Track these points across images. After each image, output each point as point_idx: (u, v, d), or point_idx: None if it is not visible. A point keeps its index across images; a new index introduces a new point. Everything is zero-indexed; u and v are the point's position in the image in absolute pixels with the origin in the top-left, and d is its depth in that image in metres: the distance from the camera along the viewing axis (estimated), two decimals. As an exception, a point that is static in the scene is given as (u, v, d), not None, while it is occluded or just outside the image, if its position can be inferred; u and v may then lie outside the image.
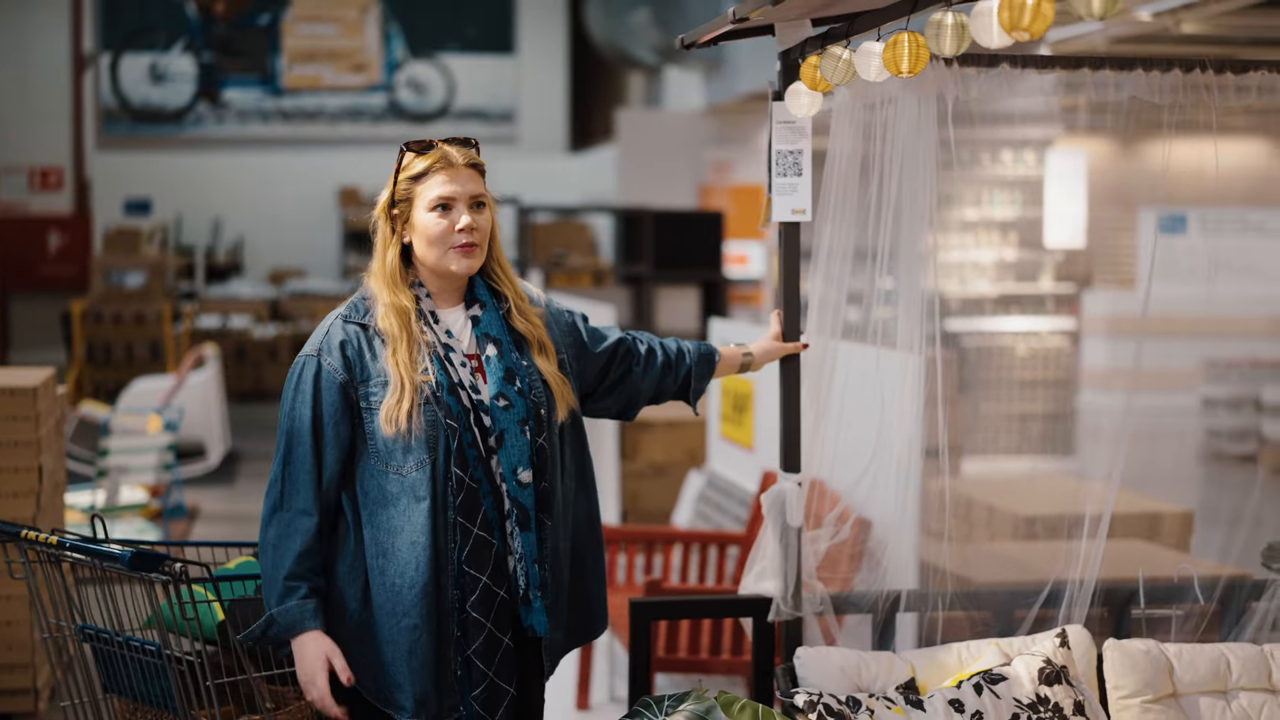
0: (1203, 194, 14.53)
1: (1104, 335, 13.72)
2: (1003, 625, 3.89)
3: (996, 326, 11.47)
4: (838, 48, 3.31)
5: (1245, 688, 3.69)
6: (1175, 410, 12.47)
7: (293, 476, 3.14)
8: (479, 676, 3.11)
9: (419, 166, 3.17)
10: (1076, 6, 2.24)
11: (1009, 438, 11.18)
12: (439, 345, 3.18)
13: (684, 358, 3.58)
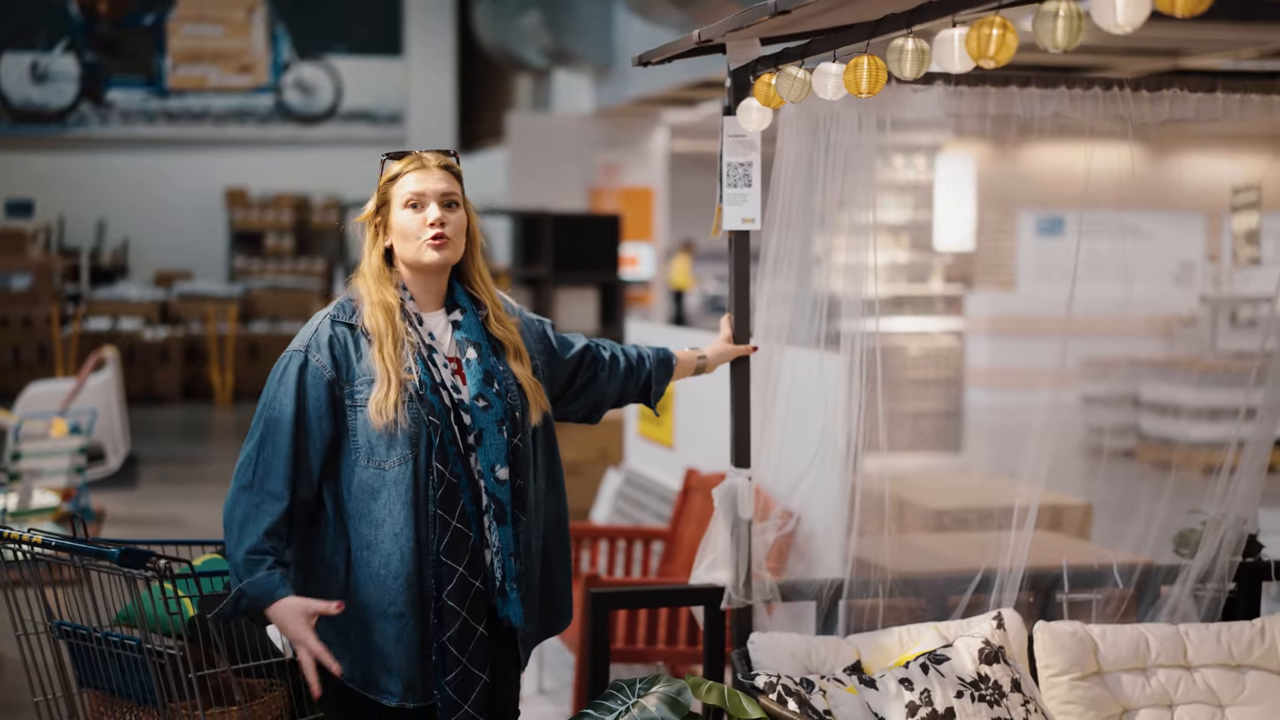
0: (1076, 197, 14.94)
1: (987, 335, 14.15)
2: (938, 611, 4.13)
3: (889, 327, 11.79)
4: (793, 67, 3.51)
5: (1163, 665, 3.95)
6: (1056, 407, 12.88)
7: (267, 461, 3.25)
8: (453, 663, 3.25)
9: (395, 169, 3.34)
10: (1041, 38, 2.46)
11: (903, 435, 11.50)
12: (423, 346, 3.32)
13: (644, 363, 3.77)
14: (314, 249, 20.58)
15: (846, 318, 4.32)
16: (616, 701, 3.40)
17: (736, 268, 3.99)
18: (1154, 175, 17.41)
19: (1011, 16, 2.80)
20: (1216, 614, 4.20)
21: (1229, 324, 14.51)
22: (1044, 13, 2.46)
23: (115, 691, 3.76)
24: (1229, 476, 4.25)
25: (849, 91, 3.23)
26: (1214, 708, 3.93)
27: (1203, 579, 4.20)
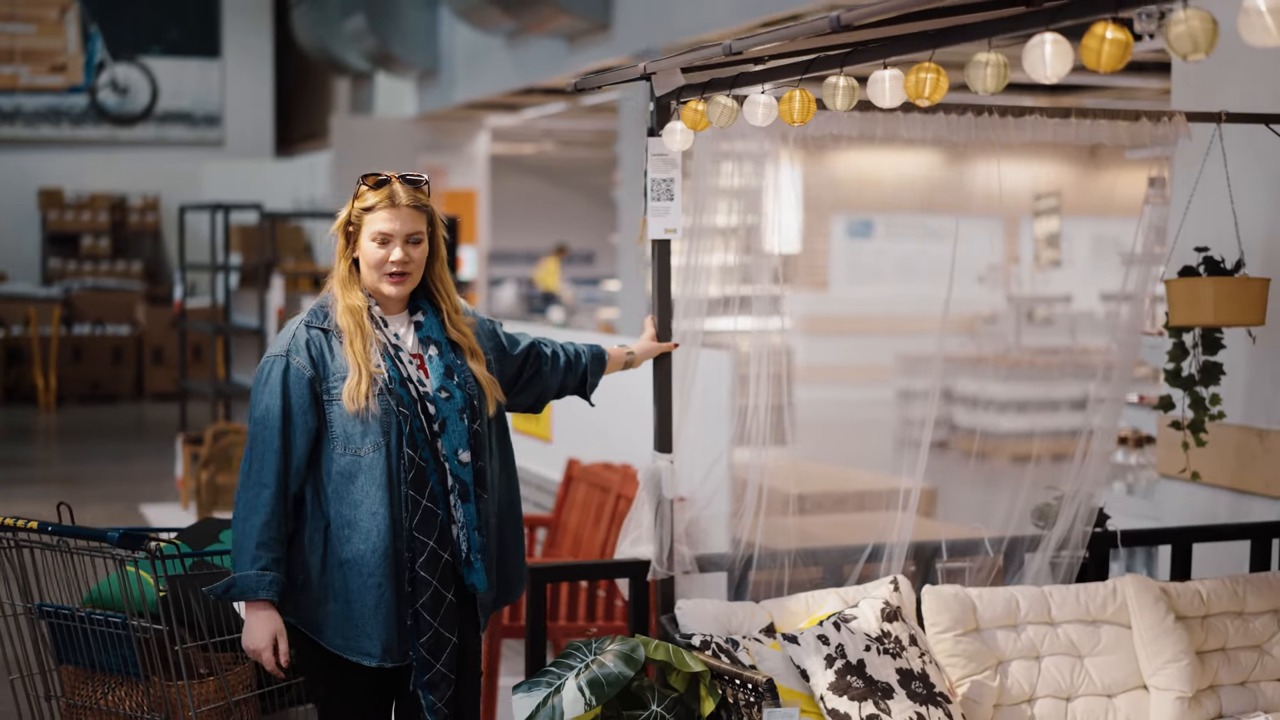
0: (882, 201, 16.00)
1: (806, 334, 14.80)
2: (834, 579, 4.63)
3: (721, 326, 12.29)
4: (722, 96, 3.96)
5: (1031, 622, 4.50)
6: (874, 402, 13.62)
7: (259, 456, 3.63)
8: (425, 626, 3.64)
9: (369, 200, 3.67)
10: (973, 84, 2.94)
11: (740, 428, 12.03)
12: (389, 345, 3.71)
13: (580, 358, 4.20)
14: (132, 250, 20.45)
15: (684, 317, 4.76)
16: (576, 660, 3.81)
17: (659, 273, 4.42)
18: (955, 181, 18.31)
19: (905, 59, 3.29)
20: (1072, 577, 4.77)
21: (1027, 322, 15.41)
22: (976, 62, 2.95)
23: (95, 667, 4.06)
24: (1081, 459, 4.81)
25: (783, 120, 3.69)
26: (1074, 658, 4.48)
27: (1060, 547, 4.76)
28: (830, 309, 15.59)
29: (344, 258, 3.74)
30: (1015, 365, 13.11)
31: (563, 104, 17.41)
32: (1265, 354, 5.14)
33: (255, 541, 3.59)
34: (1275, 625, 4.65)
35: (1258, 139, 4.90)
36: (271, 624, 3.63)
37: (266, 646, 3.60)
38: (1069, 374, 13.05)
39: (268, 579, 3.60)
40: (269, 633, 3.62)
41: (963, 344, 15.36)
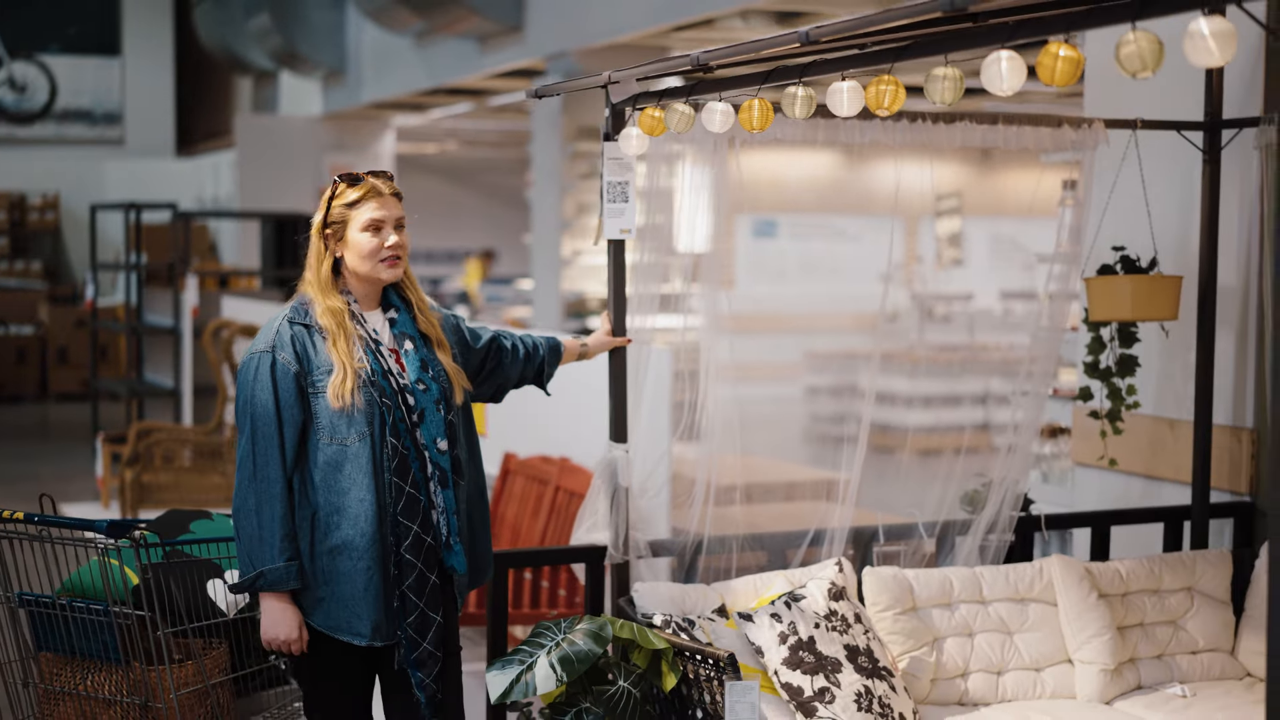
0: (785, 201, 16.33)
1: (719, 332, 15.03)
2: (778, 562, 4.86)
3: (635, 324, 12.51)
4: (680, 104, 4.18)
5: (964, 600, 4.76)
6: (783, 399, 13.91)
7: (264, 451, 3.79)
8: (411, 607, 3.82)
9: (353, 195, 3.86)
10: (932, 95, 3.18)
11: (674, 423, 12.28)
12: (370, 340, 3.88)
13: (538, 350, 4.40)
14: (31, 250, 20.26)
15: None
16: (546, 638, 4.01)
17: (615, 272, 4.62)
18: (855, 182, 18.69)
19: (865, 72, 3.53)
20: (1000, 559, 5.04)
21: (929, 319, 15.80)
22: (935, 76, 3.18)
23: (75, 653, 4.19)
24: (1007, 449, 5.08)
25: (743, 127, 3.91)
26: (1004, 635, 4.75)
27: (989, 531, 5.04)
28: (738, 308, 15.85)
29: (324, 260, 3.89)
30: (918, 362, 13.46)
31: (470, 104, 17.53)
32: (1176, 348, 5.45)
33: (281, 534, 3.75)
34: (1189, 602, 4.95)
35: (1170, 144, 5.21)
36: (296, 613, 3.81)
37: (293, 635, 3.78)
38: (970, 370, 13.43)
39: (294, 569, 3.78)
40: (295, 622, 3.80)
41: (862, 341, 15.71)
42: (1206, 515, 5.24)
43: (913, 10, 2.88)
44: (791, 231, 18.43)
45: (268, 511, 3.76)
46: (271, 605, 3.79)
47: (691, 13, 10.83)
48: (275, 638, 3.79)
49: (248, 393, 3.83)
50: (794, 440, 13.06)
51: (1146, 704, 4.66)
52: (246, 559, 3.79)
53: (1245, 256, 5.30)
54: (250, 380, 3.83)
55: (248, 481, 3.79)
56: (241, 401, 3.85)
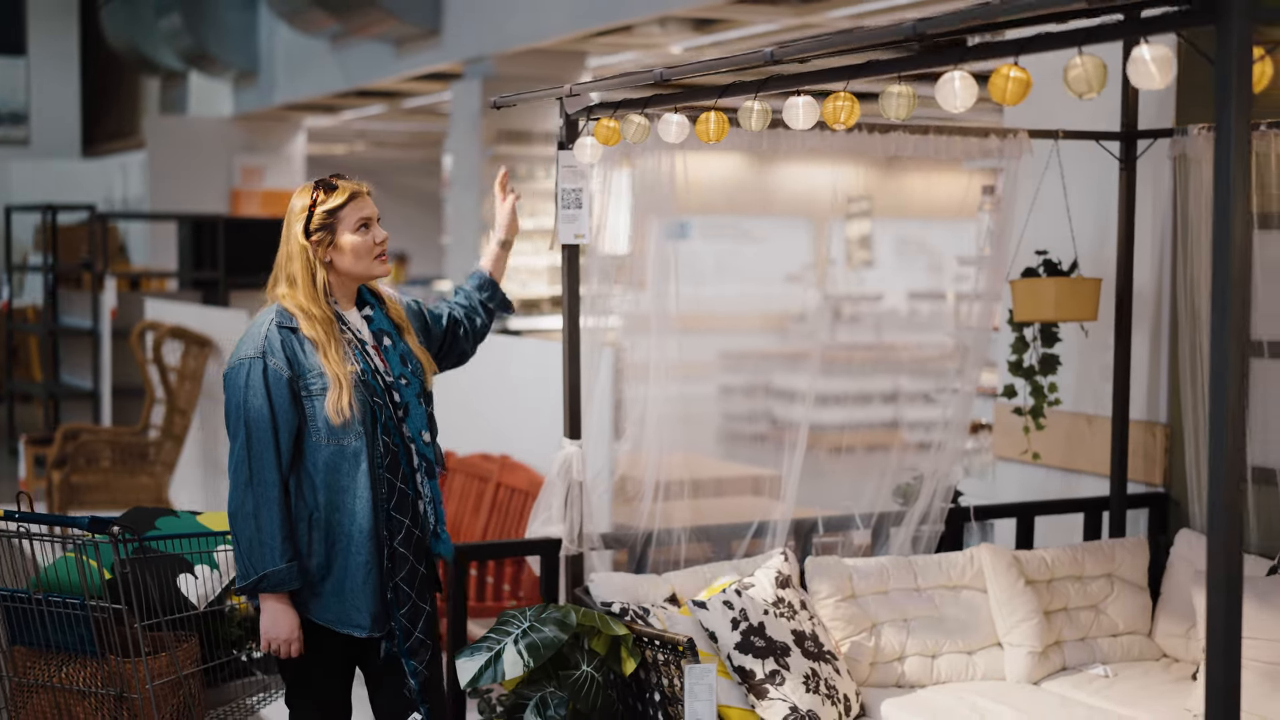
0: (696, 203, 16.60)
1: (636, 332, 15.24)
2: (723, 553, 5.08)
3: (554, 325, 12.72)
4: (635, 114, 4.37)
5: (900, 588, 5.00)
6: (699, 398, 14.14)
7: (259, 455, 3.83)
8: (404, 598, 3.95)
9: (336, 201, 3.95)
10: (886, 111, 3.40)
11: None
12: (357, 341, 3.98)
13: (471, 302, 4.47)
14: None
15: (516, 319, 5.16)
16: (512, 626, 4.19)
17: (569, 275, 4.81)
18: (764, 184, 18.98)
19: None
20: (932, 548, 5.29)
21: (838, 319, 16.11)
22: (889, 93, 3.41)
23: (50, 646, 4.30)
24: (937, 446, 5.33)
25: (699, 138, 4.12)
26: (938, 620, 4.99)
27: (921, 522, 5.28)
28: (653, 308, 16.03)
29: (314, 269, 3.92)
30: (831, 361, 13.73)
31: (383, 106, 17.61)
32: (1094, 347, 5.73)
33: (281, 536, 3.81)
34: (1109, 587, 5.23)
35: (1089, 154, 5.48)
36: (295, 615, 3.88)
37: (292, 635, 3.86)
38: (880, 369, 13.74)
39: (294, 570, 3.85)
40: (294, 623, 3.87)
41: (771, 341, 16.00)
42: (1124, 505, 5.52)
43: (880, 35, 3.10)
44: (702, 233, 18.69)
45: (266, 515, 3.82)
46: (272, 606, 3.86)
47: (611, 19, 11.02)
48: (275, 637, 3.86)
49: (239, 398, 3.87)
50: (709, 438, 13.29)
51: (1072, 684, 4.92)
52: (246, 562, 3.84)
53: (1159, 260, 5.58)
54: (242, 386, 3.87)
55: (244, 486, 3.84)
56: (232, 407, 3.89)
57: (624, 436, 5.33)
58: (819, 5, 10.91)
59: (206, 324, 9.40)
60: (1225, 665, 2.72)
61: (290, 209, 3.98)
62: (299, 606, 3.91)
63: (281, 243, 3.99)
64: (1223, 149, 2.65)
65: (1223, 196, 2.67)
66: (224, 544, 4.54)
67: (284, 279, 3.97)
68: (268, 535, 3.82)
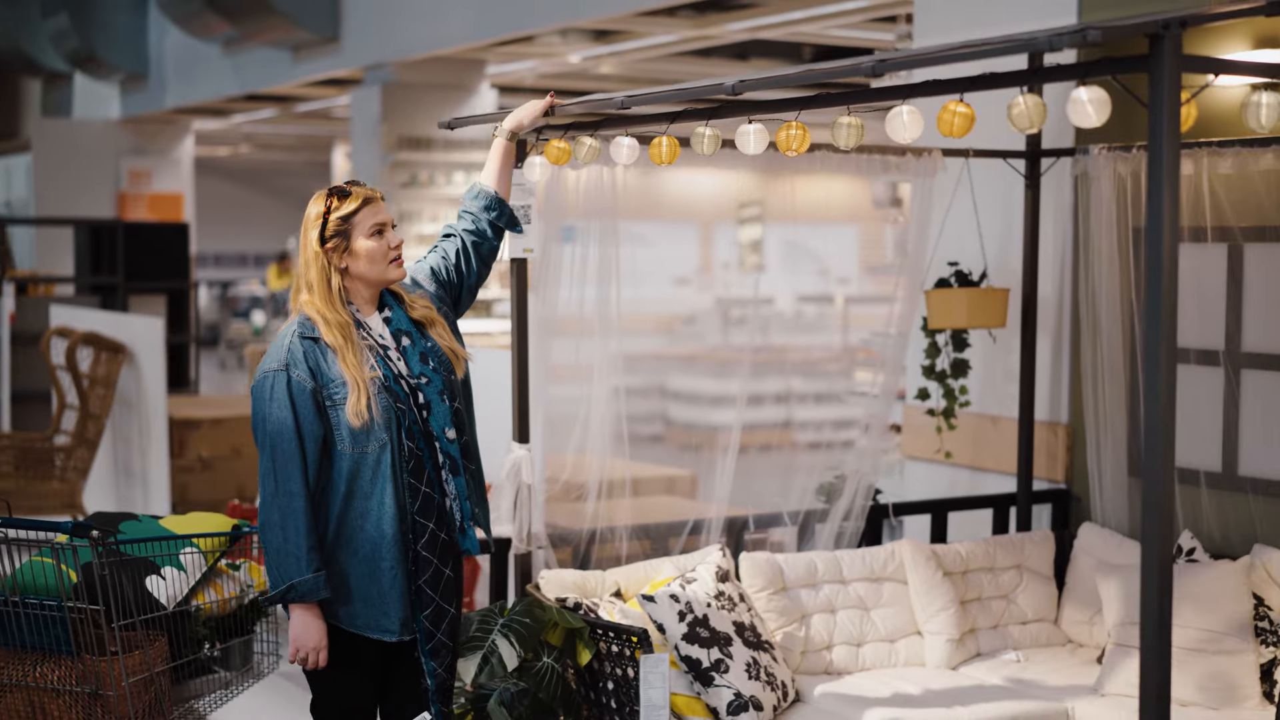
0: (580, 208, 16.46)
1: (536, 334, 15.47)
2: (661, 550, 5.35)
3: (478, 328, 12.88)
4: (586, 137, 4.63)
5: (827, 581, 5.31)
6: (596, 399, 14.38)
7: (284, 467, 3.86)
8: (428, 600, 3.98)
9: (350, 207, 3.99)
10: (837, 140, 3.69)
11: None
12: (377, 346, 4.01)
13: (484, 219, 4.38)
14: None
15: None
16: (491, 623, 4.43)
17: (517, 288, 5.06)
18: (653, 189, 19.30)
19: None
20: (855, 543, 5.61)
21: (724, 322, 16.48)
22: (840, 124, 3.70)
23: (25, 646, 4.44)
24: (859, 446, 5.65)
25: (652, 161, 4.38)
26: (862, 611, 5.31)
27: (844, 519, 5.60)
28: (545, 311, 16.26)
29: (331, 273, 3.98)
30: (725, 363, 14.08)
31: (275, 110, 17.65)
32: (999, 352, 6.09)
33: (307, 546, 3.84)
34: (1018, 578, 5.58)
35: (997, 171, 5.84)
36: (323, 624, 3.91)
37: (321, 644, 3.90)
38: (771, 370, 14.09)
39: (322, 579, 3.87)
40: (323, 632, 3.91)
41: (660, 343, 16.32)
42: (1029, 501, 5.88)
43: (841, 71, 3.38)
44: (587, 237, 18.97)
45: (292, 525, 3.85)
46: (300, 616, 3.89)
47: (514, 29, 11.24)
48: (304, 645, 3.90)
49: (264, 411, 3.90)
50: (606, 439, 13.53)
51: (987, 669, 5.26)
52: (275, 572, 3.88)
53: (1061, 270, 5.95)
54: (266, 399, 3.90)
55: (270, 498, 3.87)
56: (258, 419, 3.93)
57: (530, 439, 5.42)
58: (716, 18, 11.23)
59: (118, 330, 9.47)
60: (1158, 643, 3.04)
61: (305, 217, 4.02)
62: (328, 615, 3.95)
63: (299, 251, 4.04)
64: (1155, 180, 2.97)
65: (1155, 221, 2.99)
66: (189, 547, 4.71)
67: (304, 286, 4.02)
68: (294, 545, 3.85)
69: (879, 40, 12.06)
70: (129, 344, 9.30)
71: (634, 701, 4.46)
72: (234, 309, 22.97)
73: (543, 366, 5.30)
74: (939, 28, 6.50)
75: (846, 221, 16.88)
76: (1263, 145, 4.98)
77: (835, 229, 6.70)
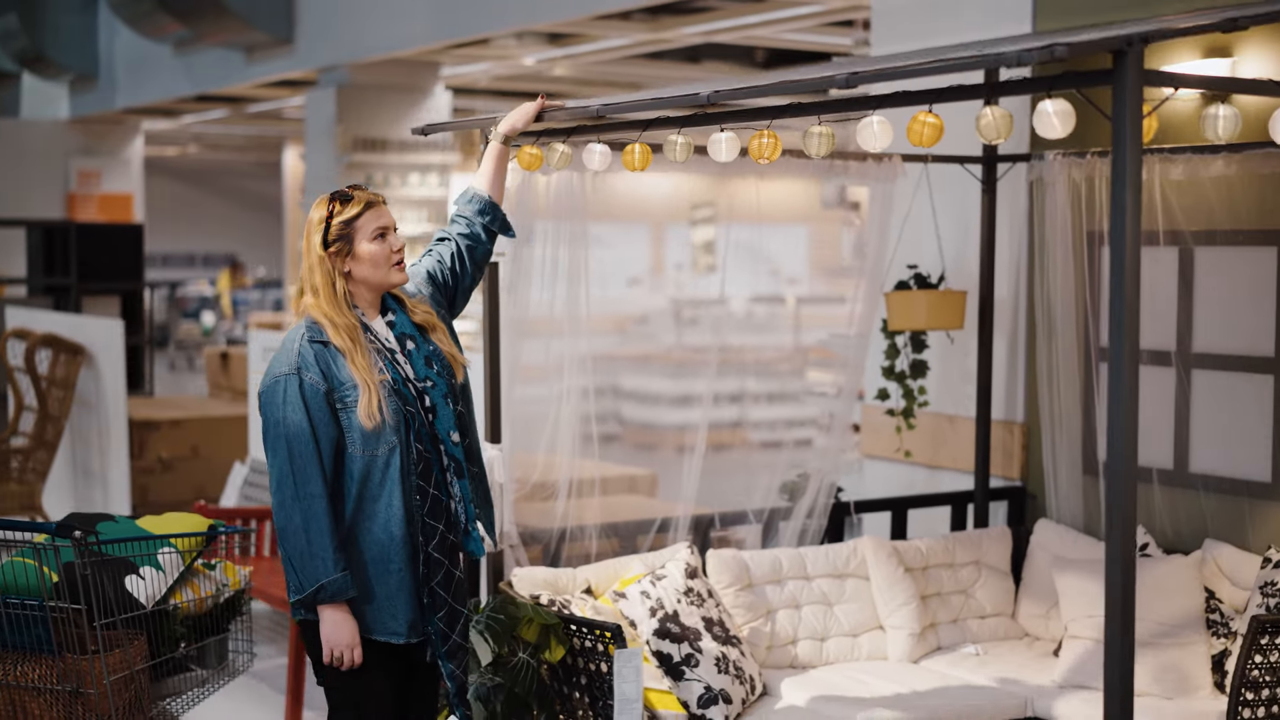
0: (539, 210, 16.57)
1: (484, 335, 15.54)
2: (629, 548, 5.45)
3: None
4: (559, 143, 4.72)
5: (792, 577, 5.43)
6: (553, 399, 14.46)
7: (302, 470, 3.87)
8: (440, 602, 4.01)
9: (353, 211, 4.01)
10: (808, 149, 3.81)
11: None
12: (385, 350, 4.04)
13: (478, 224, 4.42)
14: None
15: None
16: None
17: (489, 292, 5.14)
18: (601, 189, 19.38)
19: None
20: (818, 540, 5.73)
21: (676, 322, 16.60)
22: (811, 133, 3.82)
23: (5, 646, 4.50)
24: (821, 445, 5.77)
25: (625, 167, 4.49)
26: (826, 606, 5.44)
27: (808, 516, 5.72)
28: (507, 313, 16.33)
29: (336, 277, 4.00)
30: (682, 363, 14.20)
31: (226, 110, 17.63)
32: (955, 353, 6.23)
33: (332, 547, 3.85)
34: (977, 574, 5.72)
35: (954, 176, 5.98)
36: (354, 622, 3.92)
37: (354, 642, 3.91)
38: (727, 371, 14.23)
39: (349, 579, 3.89)
40: (355, 630, 3.92)
41: (613, 343, 16.42)
42: (986, 498, 6.03)
43: (814, 84, 3.50)
44: (544, 238, 19.06)
45: (315, 527, 3.87)
46: (331, 615, 3.90)
47: (470, 32, 11.31)
48: (338, 644, 3.91)
49: (278, 415, 3.91)
50: (565, 438, 13.62)
51: (948, 662, 5.40)
52: (299, 576, 3.90)
53: (1016, 273, 6.10)
54: (280, 403, 3.91)
55: (291, 501, 3.88)
56: (271, 424, 3.93)
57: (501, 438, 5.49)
58: (670, 21, 11.34)
59: (76, 332, 9.49)
60: (1122, 631, 3.17)
61: (309, 221, 4.04)
62: None
63: (303, 255, 4.06)
64: (1119, 189, 3.11)
65: (1119, 228, 3.12)
66: (167, 547, 4.77)
67: (308, 290, 4.05)
68: (318, 547, 3.87)
69: (834, 44, 12.22)
70: (88, 345, 9.32)
71: (606, 696, 4.56)
72: (183, 310, 22.88)
73: (510, 368, 5.37)
74: (896, 35, 6.64)
75: (798, 222, 17.07)
76: (1213, 152, 5.14)
77: (786, 230, 6.83)
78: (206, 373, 12.27)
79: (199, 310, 22.71)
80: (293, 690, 6.24)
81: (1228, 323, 5.37)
